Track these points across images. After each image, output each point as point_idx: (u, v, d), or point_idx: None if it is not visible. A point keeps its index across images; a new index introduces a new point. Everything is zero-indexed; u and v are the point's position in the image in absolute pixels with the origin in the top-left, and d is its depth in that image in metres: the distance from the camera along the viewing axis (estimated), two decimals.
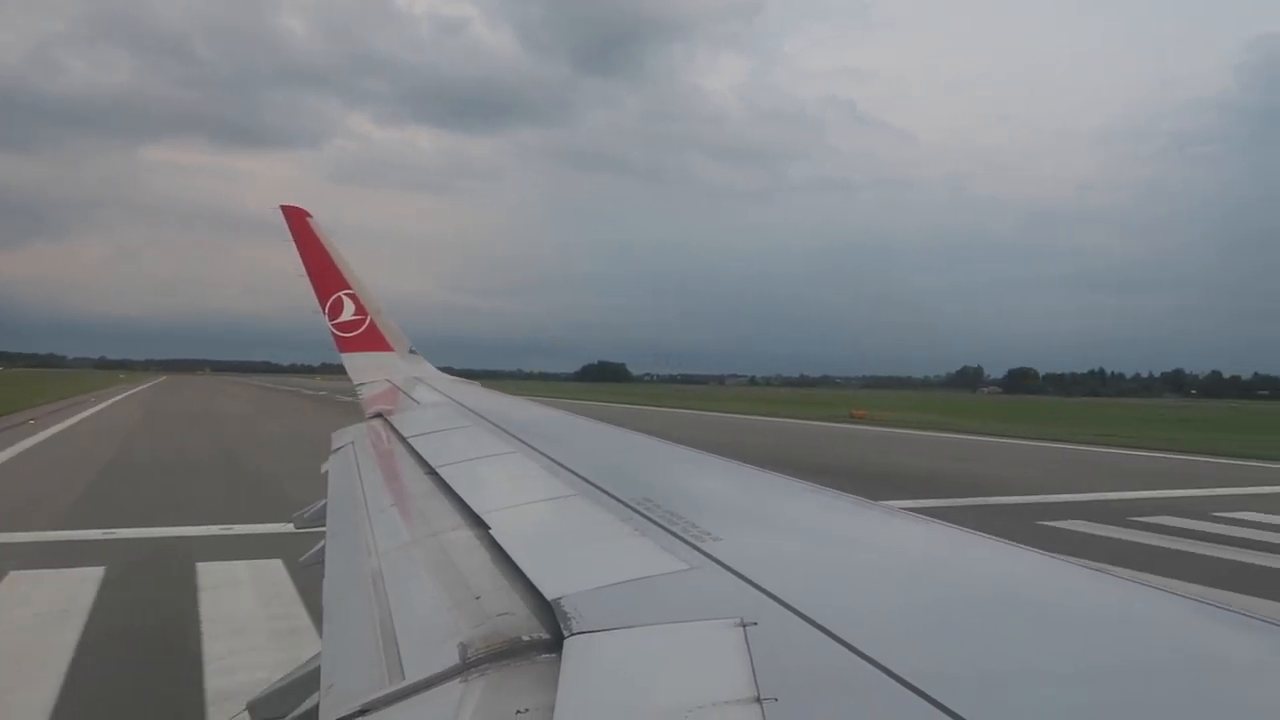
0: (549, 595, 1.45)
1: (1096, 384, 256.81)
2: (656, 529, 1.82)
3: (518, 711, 1.13)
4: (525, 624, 1.41)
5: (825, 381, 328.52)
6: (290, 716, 1.84)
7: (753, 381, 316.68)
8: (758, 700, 1.02)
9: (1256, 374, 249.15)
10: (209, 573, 10.01)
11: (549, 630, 1.35)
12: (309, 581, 9.54)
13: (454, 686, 1.24)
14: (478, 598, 1.60)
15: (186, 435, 29.67)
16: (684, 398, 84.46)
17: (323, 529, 2.85)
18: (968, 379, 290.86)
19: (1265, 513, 15.97)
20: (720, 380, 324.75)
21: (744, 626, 1.23)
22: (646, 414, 48.79)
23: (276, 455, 23.78)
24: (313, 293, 7.40)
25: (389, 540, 2.25)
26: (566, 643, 1.25)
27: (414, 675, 1.33)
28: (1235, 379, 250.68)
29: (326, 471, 3.79)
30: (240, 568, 10.25)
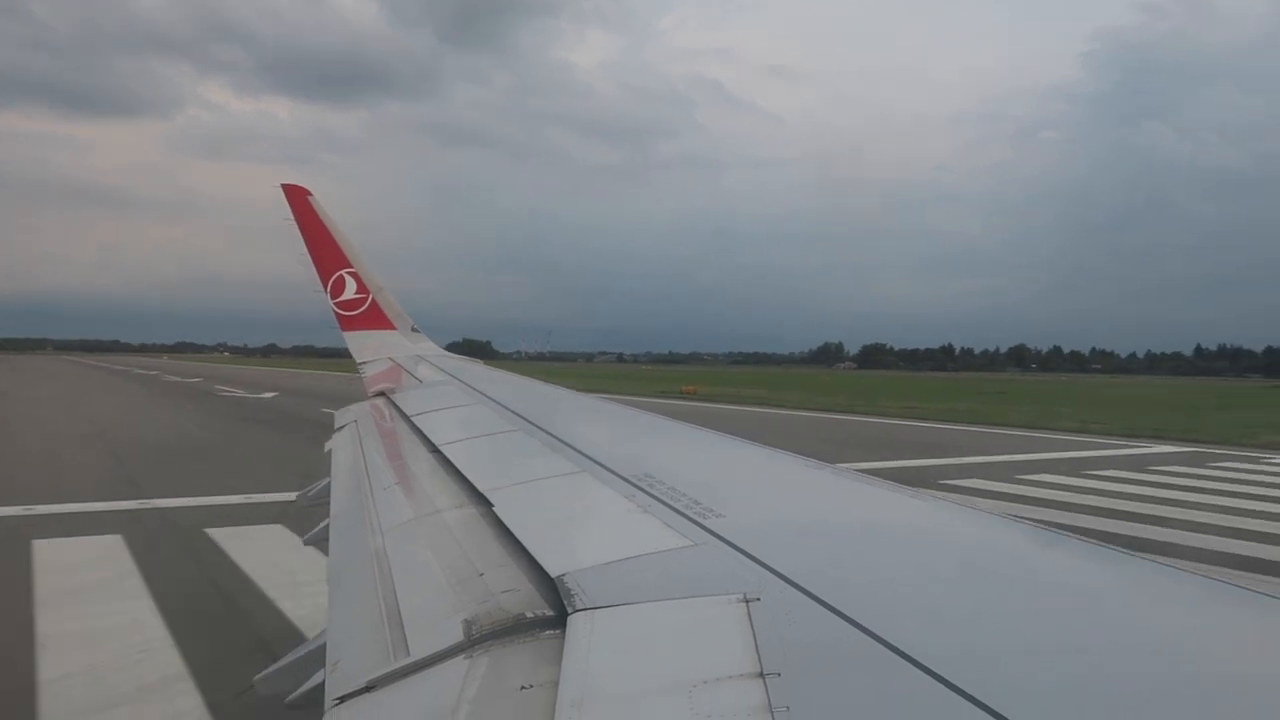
0: (552, 572, 1.46)
1: (945, 359, 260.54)
2: (659, 505, 1.83)
3: (522, 688, 1.14)
4: (529, 601, 1.42)
5: (694, 358, 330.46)
6: (296, 693, 1.83)
7: (620, 359, 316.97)
8: (761, 675, 1.03)
9: (1093, 349, 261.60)
10: None
11: (553, 607, 1.36)
12: None
13: (458, 663, 1.25)
14: (481, 575, 1.61)
15: None
16: (536, 376, 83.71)
17: (327, 506, 2.87)
18: (828, 355, 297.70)
19: (988, 480, 16.30)
20: (589, 358, 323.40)
21: (747, 602, 1.24)
22: None
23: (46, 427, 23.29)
24: (314, 272, 7.36)
25: (393, 518, 2.25)
26: (570, 619, 1.26)
27: (418, 652, 1.33)
28: (1074, 354, 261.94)
29: (330, 450, 3.80)
30: None
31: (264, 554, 9.36)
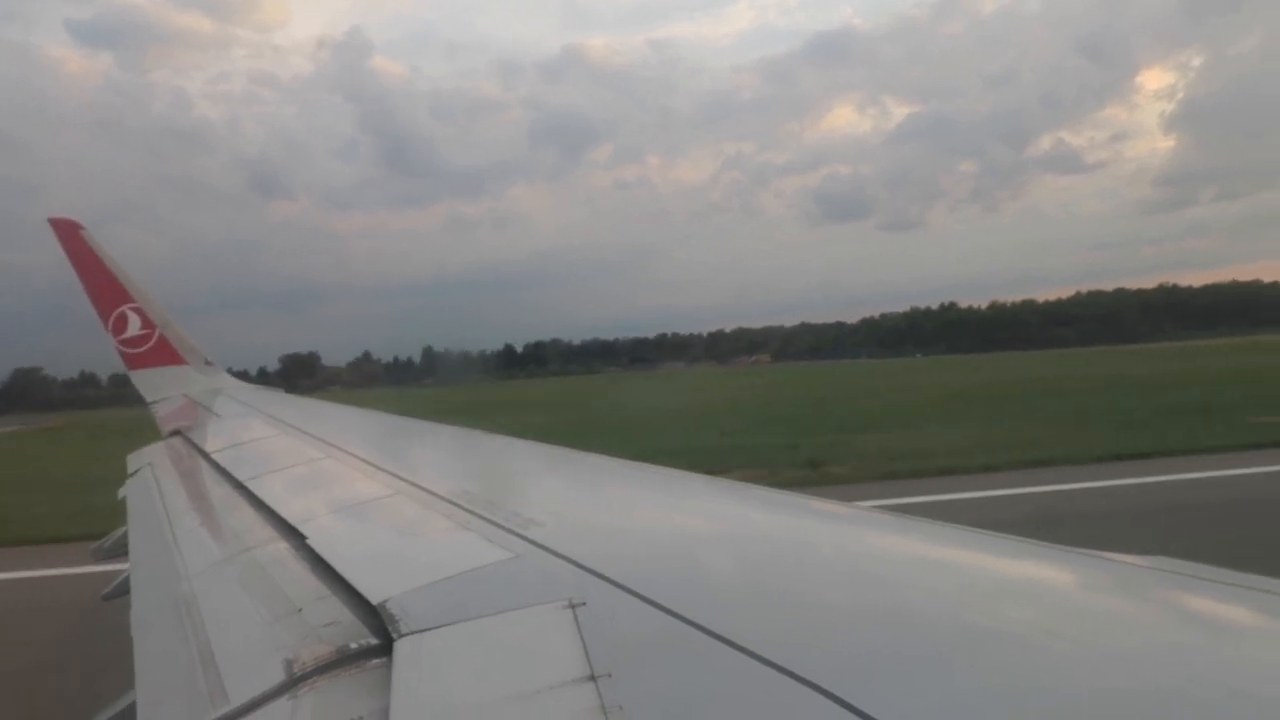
0: (374, 599, 1.43)
1: None
2: (478, 520, 1.81)
3: None
4: (353, 631, 1.38)
5: None
6: None
7: None
8: (592, 678, 1.04)
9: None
10: None
11: (378, 635, 1.33)
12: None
13: (282, 704, 1.21)
14: (300, 610, 1.55)
15: None
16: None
17: (125, 559, 2.69)
18: None
19: None
20: None
21: (573, 608, 1.25)
22: None
23: None
24: (93, 309, 6.94)
25: (199, 561, 2.15)
26: (396, 645, 1.24)
27: (238, 698, 1.28)
28: None
29: (124, 497, 3.55)
30: None
31: None
